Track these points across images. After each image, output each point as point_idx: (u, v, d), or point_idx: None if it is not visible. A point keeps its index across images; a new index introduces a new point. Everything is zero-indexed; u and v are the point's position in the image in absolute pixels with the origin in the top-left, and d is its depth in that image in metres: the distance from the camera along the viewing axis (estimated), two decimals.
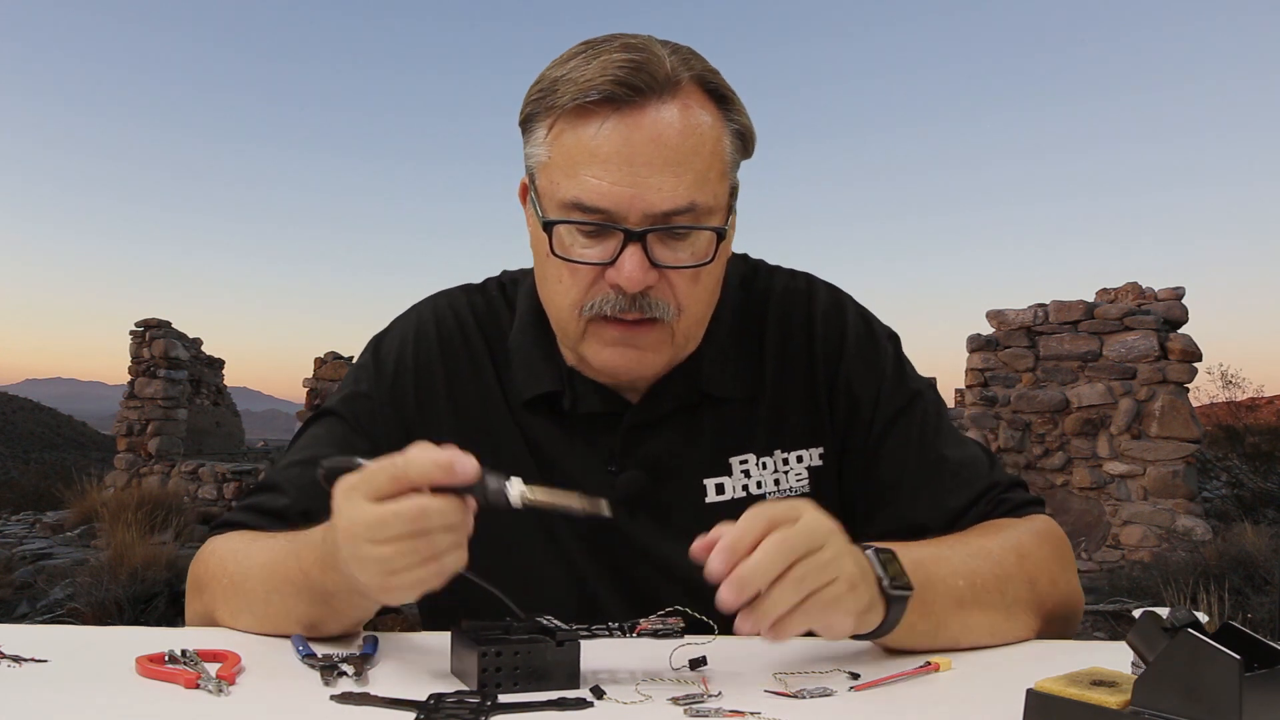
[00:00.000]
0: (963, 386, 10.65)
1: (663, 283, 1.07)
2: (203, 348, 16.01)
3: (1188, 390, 9.81)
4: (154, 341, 14.67)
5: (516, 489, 0.86)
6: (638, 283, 1.04)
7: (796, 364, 1.22)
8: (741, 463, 1.19)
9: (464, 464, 0.85)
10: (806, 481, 1.20)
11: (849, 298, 1.28)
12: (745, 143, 1.13)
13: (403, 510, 0.85)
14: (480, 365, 1.23)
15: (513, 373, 1.21)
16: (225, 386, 17.04)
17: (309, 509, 1.11)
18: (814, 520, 0.90)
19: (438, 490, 0.86)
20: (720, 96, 1.09)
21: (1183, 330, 10.03)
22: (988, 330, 10.47)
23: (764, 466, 1.19)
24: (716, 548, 0.86)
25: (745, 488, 1.19)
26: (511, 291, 1.28)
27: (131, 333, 14.79)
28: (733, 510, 1.16)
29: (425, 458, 0.86)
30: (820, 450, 1.21)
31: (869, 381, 1.21)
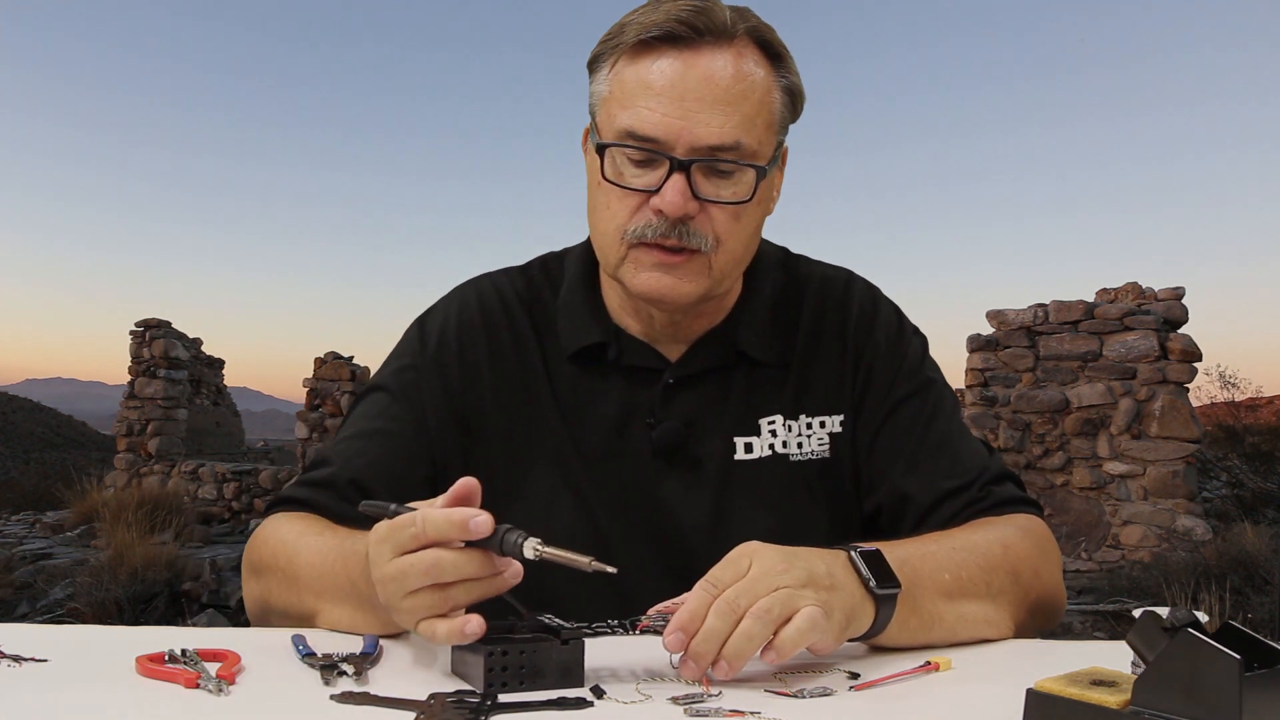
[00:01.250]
0: (963, 386, 10.65)
1: (703, 215, 1.13)
2: (203, 348, 16.01)
3: (1188, 390, 9.81)
4: (154, 341, 14.66)
5: (531, 544, 0.88)
6: (678, 208, 1.10)
7: (828, 338, 1.28)
8: (769, 423, 1.25)
9: (478, 522, 0.87)
10: (828, 446, 1.26)
11: (884, 295, 1.35)
12: (794, 100, 1.19)
13: (419, 563, 0.88)
14: (521, 334, 1.29)
15: (559, 332, 1.28)
16: (225, 386, 17.03)
17: (355, 477, 1.21)
18: (762, 567, 0.91)
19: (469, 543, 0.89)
20: (773, 53, 1.16)
21: (1183, 330, 10.03)
22: (988, 330, 10.47)
23: (789, 429, 1.25)
24: (671, 624, 0.89)
25: (772, 447, 1.25)
26: (555, 266, 1.34)
27: (131, 333, 14.79)
28: (759, 468, 1.24)
29: (441, 517, 0.88)
30: (841, 418, 1.27)
31: (890, 362, 1.28)
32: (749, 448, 1.24)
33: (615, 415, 1.24)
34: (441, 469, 1.24)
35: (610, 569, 0.88)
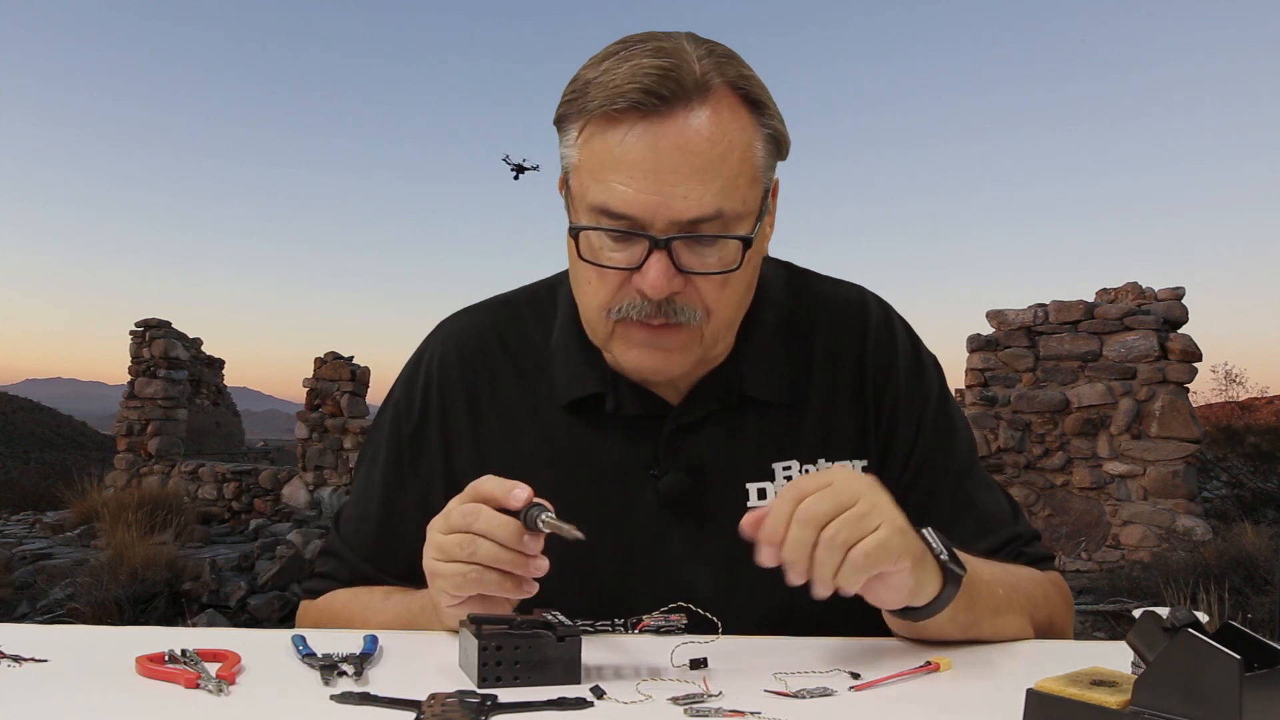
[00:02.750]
0: (963, 386, 10.64)
1: (690, 288, 1.07)
2: (203, 348, 16.01)
3: (1188, 390, 9.81)
4: (154, 341, 14.66)
5: (544, 517, 0.95)
6: (662, 290, 1.04)
7: (846, 375, 1.21)
8: (785, 468, 1.18)
9: (516, 494, 0.95)
10: None
11: (898, 314, 1.28)
12: (779, 146, 1.11)
13: (464, 507, 0.96)
14: (503, 384, 1.23)
15: (552, 377, 1.21)
16: (225, 386, 17.04)
17: (364, 572, 1.26)
18: (843, 481, 0.94)
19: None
20: (753, 101, 1.07)
21: (1183, 330, 10.03)
22: (988, 330, 10.47)
23: (807, 473, 1.17)
24: (759, 540, 0.93)
25: None
26: (545, 302, 1.27)
27: (131, 333, 14.79)
28: None
29: (494, 479, 0.97)
30: (864, 464, 1.20)
31: (913, 407, 1.22)
32: (763, 494, 1.17)
33: (615, 467, 1.18)
34: None
35: (578, 535, 0.94)
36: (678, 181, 1.02)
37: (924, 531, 0.99)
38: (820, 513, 0.91)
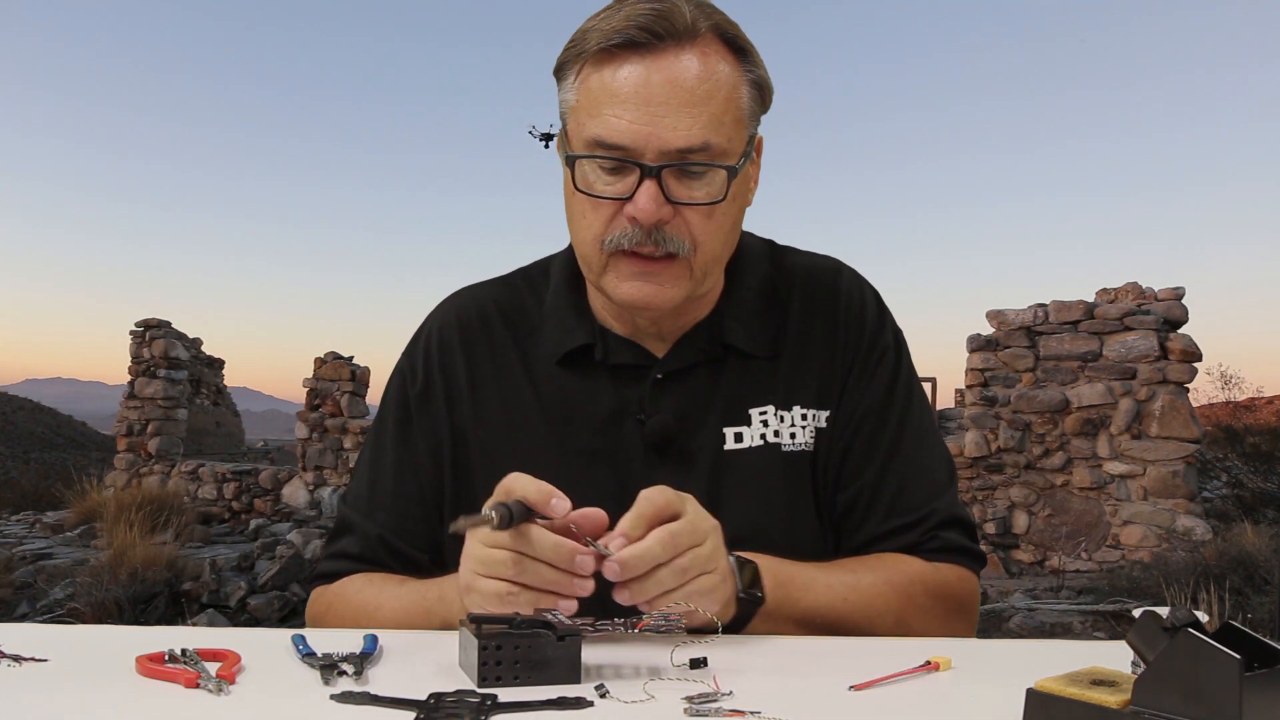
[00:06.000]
0: (963, 386, 10.64)
1: (678, 219, 1.13)
2: (203, 348, 16.01)
3: (1188, 390, 9.81)
4: (154, 341, 14.66)
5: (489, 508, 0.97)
6: (651, 215, 1.10)
7: (819, 328, 1.28)
8: (761, 414, 1.24)
9: (556, 503, 0.97)
10: (814, 440, 1.25)
11: (870, 285, 1.34)
12: (762, 93, 1.18)
13: (511, 535, 0.96)
14: (499, 344, 1.31)
15: (545, 337, 1.29)
16: (225, 386, 17.04)
17: (381, 541, 1.28)
18: (697, 516, 1.01)
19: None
20: (738, 48, 1.15)
21: (1183, 330, 10.03)
22: (988, 330, 10.47)
23: (781, 419, 1.24)
24: (614, 532, 0.98)
25: (763, 436, 1.24)
26: (538, 274, 1.35)
27: (131, 333, 14.79)
28: (751, 457, 1.24)
29: (525, 479, 0.98)
30: (827, 414, 1.26)
31: (867, 369, 1.27)
32: (739, 437, 1.23)
33: (605, 414, 1.24)
34: (450, 494, 1.29)
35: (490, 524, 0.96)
36: (667, 113, 1.09)
37: (731, 559, 1.06)
38: (677, 542, 0.98)
